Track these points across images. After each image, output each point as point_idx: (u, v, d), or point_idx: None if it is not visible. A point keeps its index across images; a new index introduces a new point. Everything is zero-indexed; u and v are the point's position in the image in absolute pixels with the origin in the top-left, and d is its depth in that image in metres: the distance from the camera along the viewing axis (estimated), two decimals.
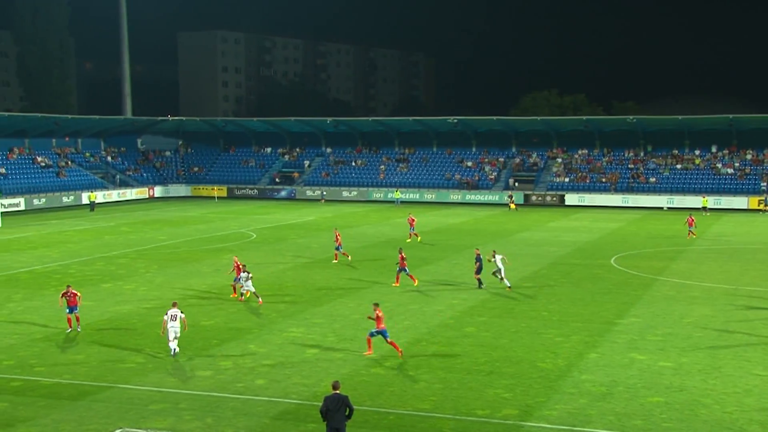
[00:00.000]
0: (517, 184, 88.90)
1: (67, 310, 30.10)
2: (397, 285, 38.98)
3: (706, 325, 31.31)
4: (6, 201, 75.22)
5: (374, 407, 22.15)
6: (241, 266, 36.65)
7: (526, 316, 32.70)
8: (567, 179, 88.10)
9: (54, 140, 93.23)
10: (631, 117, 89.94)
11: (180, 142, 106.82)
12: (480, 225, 66.38)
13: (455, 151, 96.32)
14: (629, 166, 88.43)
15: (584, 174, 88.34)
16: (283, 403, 22.56)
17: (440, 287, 38.92)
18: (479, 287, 38.23)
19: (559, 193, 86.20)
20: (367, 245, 53.55)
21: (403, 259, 39.18)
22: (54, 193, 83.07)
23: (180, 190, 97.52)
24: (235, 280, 36.69)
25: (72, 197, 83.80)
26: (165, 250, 51.12)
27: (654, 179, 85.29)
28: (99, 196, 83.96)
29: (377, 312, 26.85)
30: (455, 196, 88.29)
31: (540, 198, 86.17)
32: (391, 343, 26.72)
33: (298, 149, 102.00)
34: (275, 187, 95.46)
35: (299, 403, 22.46)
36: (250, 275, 35.40)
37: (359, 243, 54.51)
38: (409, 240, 55.00)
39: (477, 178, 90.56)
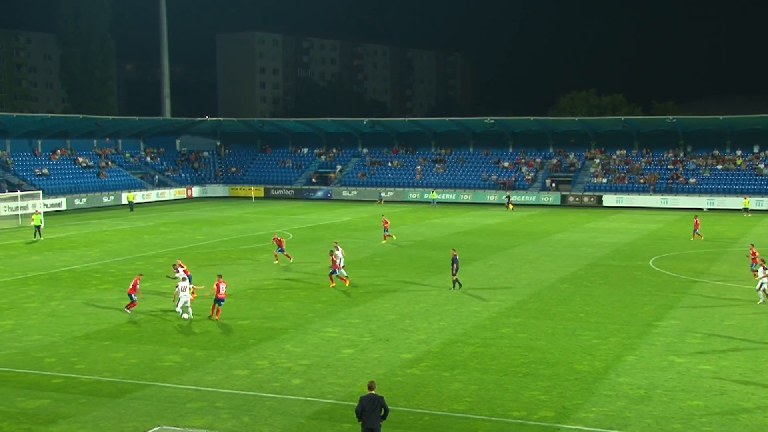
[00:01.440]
0: (554, 184, 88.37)
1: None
2: (333, 285, 38.89)
3: (748, 327, 30.87)
4: (48, 201, 76.27)
5: (409, 408, 22.12)
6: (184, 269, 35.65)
7: (563, 318, 32.47)
8: (605, 180, 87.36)
9: (95, 141, 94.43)
10: (670, 117, 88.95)
11: (218, 143, 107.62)
12: (517, 226, 66.07)
13: (492, 151, 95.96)
14: (668, 166, 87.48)
15: (622, 175, 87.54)
16: (319, 402, 22.62)
17: (476, 288, 38.78)
18: (453, 288, 37.97)
19: (597, 193, 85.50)
20: (403, 246, 53.52)
21: (334, 260, 39.26)
22: (94, 193, 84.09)
23: (218, 190, 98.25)
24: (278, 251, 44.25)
25: (112, 197, 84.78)
26: (203, 250, 51.52)
27: (694, 180, 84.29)
28: (138, 196, 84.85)
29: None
30: (492, 196, 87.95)
31: (577, 199, 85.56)
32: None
33: (334, 150, 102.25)
34: (312, 187, 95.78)
35: (335, 403, 22.51)
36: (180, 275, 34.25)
37: (395, 243, 54.47)
38: (383, 242, 54.70)
39: (514, 178, 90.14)
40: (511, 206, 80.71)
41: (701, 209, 78.86)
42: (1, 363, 26.22)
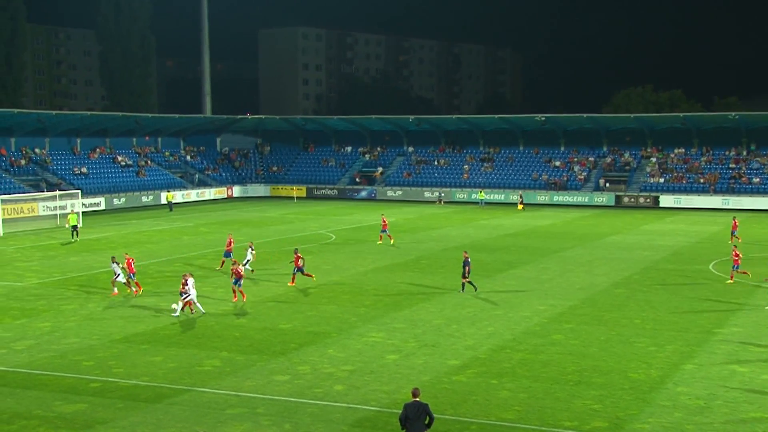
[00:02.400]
0: (608, 184, 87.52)
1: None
2: (293, 284, 39.73)
3: None
4: (87, 201, 77.41)
5: (456, 416, 22.03)
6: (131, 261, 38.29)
7: (617, 324, 32.10)
8: (662, 180, 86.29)
9: (134, 139, 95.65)
10: (733, 113, 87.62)
11: (258, 141, 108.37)
12: (568, 227, 65.54)
13: (543, 150, 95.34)
14: (730, 165, 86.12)
15: (680, 174, 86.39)
16: (362, 410, 22.61)
17: (526, 292, 38.53)
18: (463, 290, 38.07)
19: (653, 194, 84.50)
20: (450, 248, 53.38)
21: (298, 258, 39.87)
22: (134, 192, 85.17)
23: (259, 190, 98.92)
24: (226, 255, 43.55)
25: (151, 197, 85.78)
26: (243, 252, 51.81)
27: (758, 180, 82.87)
28: (178, 196, 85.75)
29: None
30: (542, 197, 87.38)
31: (632, 199, 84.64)
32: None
33: (379, 148, 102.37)
34: (355, 187, 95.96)
35: (378, 411, 22.48)
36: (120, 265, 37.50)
37: (441, 245, 54.39)
38: (380, 242, 54.61)
39: (565, 178, 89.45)
40: (520, 206, 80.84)
41: (766, 211, 77.53)
42: (38, 366, 26.64)
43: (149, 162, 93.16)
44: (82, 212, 67.96)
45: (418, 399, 18.13)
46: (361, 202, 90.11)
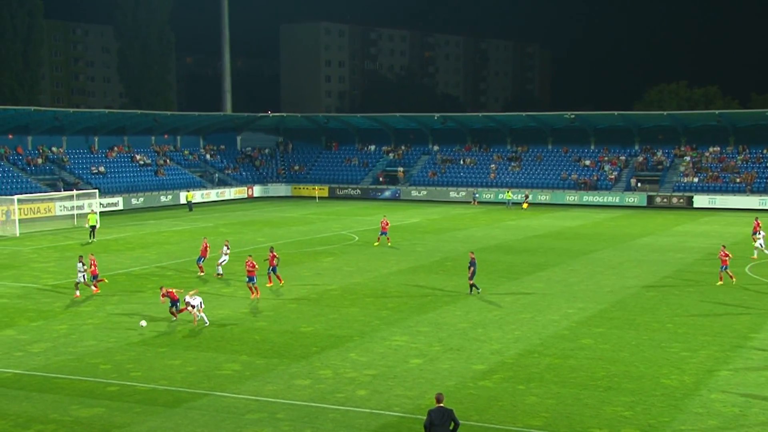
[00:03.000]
0: (639, 184, 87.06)
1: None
2: (271, 284, 40.07)
3: None
4: (105, 200, 77.98)
5: (481, 422, 22.00)
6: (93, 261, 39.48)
7: (649, 328, 31.93)
8: (696, 179, 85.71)
9: (153, 138, 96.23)
10: None
11: (280, 140, 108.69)
12: (598, 228, 65.26)
13: (572, 149, 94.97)
14: None
15: (716, 173, 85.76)
16: (385, 415, 22.63)
17: (554, 295, 38.40)
18: (471, 292, 38.29)
19: (687, 194, 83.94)
20: (476, 249, 53.10)
21: (273, 257, 40.17)
22: (152, 192, 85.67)
23: (280, 189, 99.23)
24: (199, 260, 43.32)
25: (170, 196, 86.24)
26: (264, 253, 51.96)
27: None
28: (197, 196, 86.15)
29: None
30: (571, 197, 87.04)
31: (665, 200, 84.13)
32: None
33: (403, 147, 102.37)
34: (379, 187, 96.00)
35: (402, 416, 22.50)
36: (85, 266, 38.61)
37: (467, 247, 54.23)
38: (377, 243, 54.57)
39: (595, 178, 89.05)
40: (525, 205, 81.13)
41: None
42: (55, 369, 26.87)
43: (168, 161, 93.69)
44: (100, 212, 68.44)
45: (442, 404, 18.13)
46: (384, 203, 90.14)
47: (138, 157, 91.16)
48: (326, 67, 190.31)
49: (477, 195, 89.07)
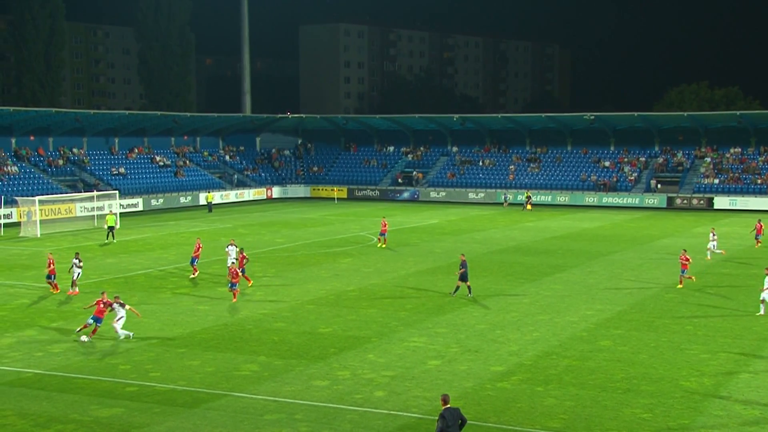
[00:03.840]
0: (659, 185, 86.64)
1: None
2: (250, 284, 40.52)
3: None
4: (125, 201, 78.37)
5: (499, 424, 21.97)
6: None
7: (668, 330, 31.78)
8: (716, 180, 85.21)
9: (173, 139, 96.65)
10: None
11: (299, 141, 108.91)
12: (617, 230, 65.00)
13: (591, 150, 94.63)
14: None
15: (736, 175, 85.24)
16: (403, 416, 22.64)
17: (573, 296, 38.29)
18: (453, 293, 38.14)
19: (707, 195, 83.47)
20: (494, 251, 53.22)
21: (243, 258, 40.79)
22: (172, 193, 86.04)
23: (299, 190, 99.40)
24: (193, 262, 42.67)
25: (189, 198, 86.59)
26: (282, 254, 52.18)
27: None
28: (216, 197, 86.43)
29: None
30: (591, 198, 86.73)
31: (685, 201, 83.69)
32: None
33: (422, 148, 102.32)
34: (397, 188, 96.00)
35: (420, 418, 22.50)
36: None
37: (486, 248, 54.25)
38: (380, 244, 54.28)
39: (615, 179, 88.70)
40: (529, 206, 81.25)
41: None
42: (75, 369, 27.05)
43: (188, 162, 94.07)
44: (120, 213, 68.82)
45: (449, 405, 18.30)
46: (403, 204, 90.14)
47: (158, 158, 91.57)
48: (345, 68, 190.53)
49: (509, 197, 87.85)
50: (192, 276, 43.65)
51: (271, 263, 48.07)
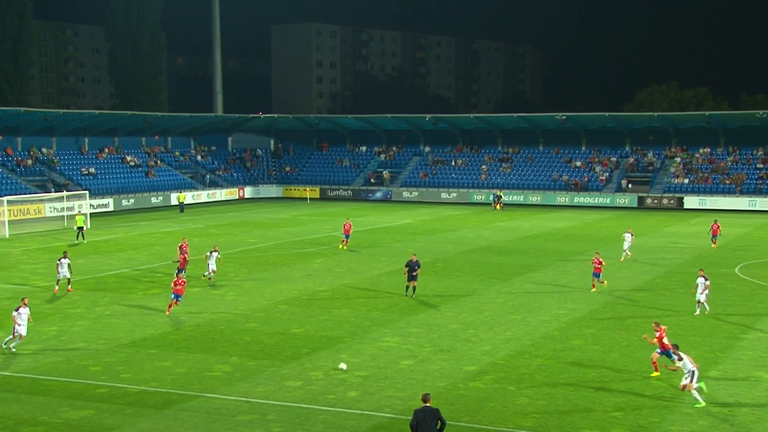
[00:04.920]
0: (630, 185, 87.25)
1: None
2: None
3: None
4: (95, 201, 77.77)
5: (472, 423, 22.04)
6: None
7: (639, 329, 31.98)
8: (686, 180, 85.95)
9: (143, 139, 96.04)
10: (761, 112, 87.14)
11: (272, 141, 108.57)
12: (589, 230, 65.39)
13: (563, 150, 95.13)
14: (758, 165, 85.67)
15: (706, 175, 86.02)
16: (376, 416, 22.66)
17: (545, 296, 38.47)
18: (407, 294, 38.11)
19: (677, 195, 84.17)
20: (467, 251, 53.36)
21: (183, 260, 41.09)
22: (143, 193, 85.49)
23: (271, 191, 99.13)
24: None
25: (161, 198, 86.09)
26: (255, 254, 52.03)
27: None
28: (188, 197, 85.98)
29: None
30: (562, 198, 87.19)
31: (655, 201, 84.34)
32: None
33: (394, 148, 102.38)
34: (370, 188, 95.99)
35: (393, 417, 22.52)
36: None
37: (458, 248, 54.39)
38: (344, 247, 53.34)
39: (586, 179, 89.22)
40: (498, 206, 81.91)
41: None
42: (44, 371, 26.82)
43: (159, 162, 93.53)
44: (90, 213, 68.30)
45: (428, 404, 18.27)
46: (376, 204, 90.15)
47: (128, 158, 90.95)
48: (318, 68, 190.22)
49: (499, 197, 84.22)
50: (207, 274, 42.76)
51: (244, 263, 47.92)
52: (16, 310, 29.33)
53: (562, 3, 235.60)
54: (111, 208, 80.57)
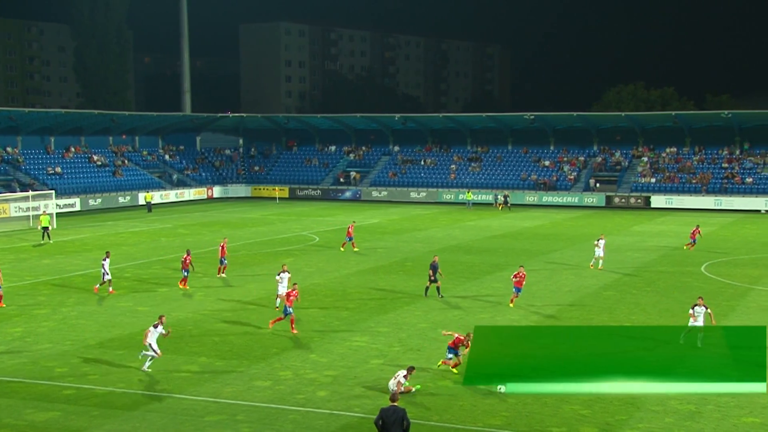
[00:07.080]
0: (598, 184, 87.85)
1: None
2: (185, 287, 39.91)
3: None
4: (61, 201, 77.05)
5: (441, 422, 22.09)
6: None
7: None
8: (653, 180, 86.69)
9: (111, 138, 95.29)
10: (725, 112, 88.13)
11: (240, 140, 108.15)
12: (557, 229, 65.74)
13: (532, 149, 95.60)
14: (723, 165, 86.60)
15: (672, 174, 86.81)
16: (345, 416, 22.65)
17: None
18: (427, 294, 38.02)
19: (645, 194, 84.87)
20: (436, 250, 53.36)
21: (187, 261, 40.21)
22: (110, 193, 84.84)
23: (239, 190, 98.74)
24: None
25: (128, 197, 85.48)
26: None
27: (750, 180, 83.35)
28: (156, 197, 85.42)
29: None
30: (531, 197, 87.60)
31: (623, 200, 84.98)
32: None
33: (364, 147, 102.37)
34: (339, 187, 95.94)
35: (362, 417, 22.52)
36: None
37: (427, 247, 54.45)
38: (342, 249, 52.77)
39: (555, 178, 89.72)
40: (500, 206, 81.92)
41: (759, 211, 78.12)
42: (9, 373, 26.53)
43: (126, 161, 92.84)
44: (57, 213, 67.64)
45: (395, 404, 18.30)
46: (345, 203, 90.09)
47: (95, 157, 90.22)
48: (286, 68, 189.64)
49: (506, 197, 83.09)
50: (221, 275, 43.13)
51: (212, 263, 47.63)
52: None
53: (530, 4, 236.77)
54: (78, 207, 79.87)
